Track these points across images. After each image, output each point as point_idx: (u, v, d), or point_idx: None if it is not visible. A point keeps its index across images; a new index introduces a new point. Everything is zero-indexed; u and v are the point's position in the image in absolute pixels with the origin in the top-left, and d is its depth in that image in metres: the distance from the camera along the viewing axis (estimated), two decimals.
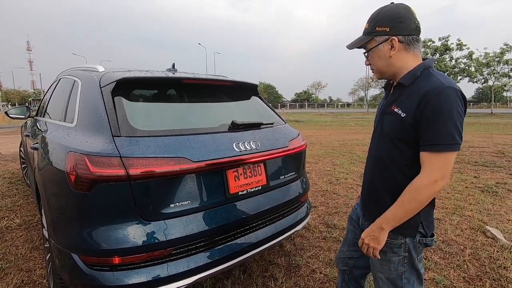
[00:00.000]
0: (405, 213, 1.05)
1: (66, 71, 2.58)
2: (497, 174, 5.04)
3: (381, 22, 1.08)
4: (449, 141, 0.96)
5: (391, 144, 1.12)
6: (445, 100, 0.96)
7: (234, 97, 2.19)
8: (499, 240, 2.64)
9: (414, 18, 1.07)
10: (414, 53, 1.10)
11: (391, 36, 1.06)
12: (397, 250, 1.15)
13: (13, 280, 2.10)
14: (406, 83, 1.09)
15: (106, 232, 1.36)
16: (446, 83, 0.98)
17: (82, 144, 1.46)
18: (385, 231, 1.09)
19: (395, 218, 1.07)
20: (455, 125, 0.96)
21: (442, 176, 0.99)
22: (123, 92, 1.63)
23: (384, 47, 1.09)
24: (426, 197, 1.02)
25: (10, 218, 3.14)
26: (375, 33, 1.10)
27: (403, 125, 1.05)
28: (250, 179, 1.78)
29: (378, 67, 1.15)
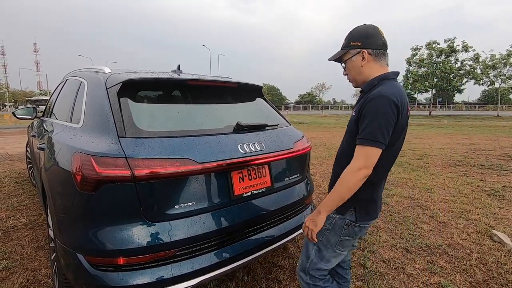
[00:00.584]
0: (338, 196, 1.21)
1: (73, 72, 2.61)
2: (504, 177, 4.98)
3: (354, 38, 1.30)
4: (371, 137, 1.15)
5: (347, 138, 1.34)
6: (375, 105, 1.16)
7: (239, 99, 2.20)
8: (506, 245, 2.60)
9: (381, 36, 1.29)
10: (381, 64, 1.30)
11: (362, 49, 1.28)
12: (325, 222, 1.32)
13: (19, 279, 2.11)
14: (365, 90, 1.30)
15: (111, 232, 1.37)
16: (382, 92, 1.17)
17: (88, 145, 1.47)
18: (322, 214, 1.25)
19: (329, 201, 1.23)
20: (378, 126, 1.14)
21: (365, 165, 1.16)
22: (129, 93, 1.64)
23: (357, 58, 1.30)
24: (352, 182, 1.18)
25: (16, 218, 3.17)
26: (350, 47, 1.31)
27: (353, 122, 1.28)
28: (255, 180, 1.78)
29: (352, 76, 1.36)
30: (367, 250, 2.54)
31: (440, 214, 3.36)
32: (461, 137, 11.32)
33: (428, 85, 35.84)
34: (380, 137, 1.15)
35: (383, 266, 2.32)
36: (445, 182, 4.71)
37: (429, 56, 35.60)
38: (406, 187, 4.42)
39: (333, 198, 1.22)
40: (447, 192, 4.17)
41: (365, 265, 2.32)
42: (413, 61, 36.49)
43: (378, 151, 1.16)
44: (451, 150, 7.90)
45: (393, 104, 1.15)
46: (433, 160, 6.44)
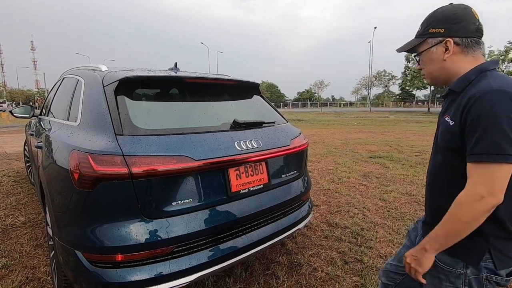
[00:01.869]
0: (448, 233, 0.91)
1: (70, 71, 2.60)
2: None
3: (435, 24, 1.01)
4: (492, 150, 0.83)
5: (443, 157, 1.02)
6: (490, 103, 0.85)
7: (236, 96, 2.20)
8: None
9: (474, 19, 0.98)
10: (474, 56, 0.99)
11: (445, 38, 0.99)
12: (455, 281, 0.98)
13: (18, 277, 2.12)
14: (457, 89, 0.99)
15: (109, 229, 1.38)
16: (495, 86, 0.86)
17: (86, 143, 1.48)
18: (429, 253, 0.96)
19: (437, 238, 0.94)
20: (503, 132, 0.82)
21: (489, 192, 0.84)
22: (126, 91, 1.64)
23: (437, 50, 1.02)
24: (470, 216, 0.87)
25: (14, 216, 3.18)
26: (428, 35, 1.03)
27: (452, 134, 0.95)
28: (252, 177, 1.79)
29: (430, 72, 1.08)
30: (364, 246, 2.57)
31: None
32: None
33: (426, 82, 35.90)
34: (509, 147, 0.81)
35: (380, 261, 2.35)
36: None
37: None
38: (404, 184, 4.44)
39: (440, 234, 0.93)
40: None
41: (362, 260, 2.35)
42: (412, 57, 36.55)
43: (508, 169, 0.83)
44: None
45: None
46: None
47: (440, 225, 0.94)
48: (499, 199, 0.85)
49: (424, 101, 48.36)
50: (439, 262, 1.00)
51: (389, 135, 10.93)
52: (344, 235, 2.79)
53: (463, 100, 0.93)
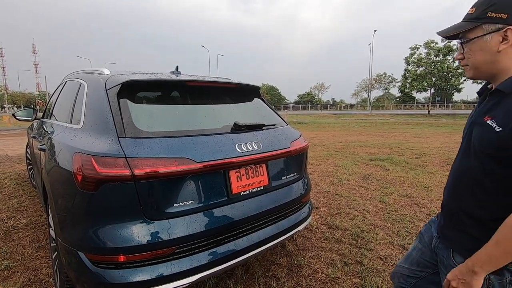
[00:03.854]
0: (505, 254, 0.83)
1: (72, 74, 2.63)
2: None
3: (497, 7, 0.87)
4: None
5: (479, 162, 0.92)
6: None
7: (237, 99, 2.23)
8: None
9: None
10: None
11: (506, 26, 0.85)
12: None
13: (20, 278, 2.14)
14: (507, 90, 0.88)
15: (112, 231, 1.40)
16: None
17: (89, 145, 1.50)
18: (479, 275, 0.87)
19: (491, 260, 0.85)
20: None
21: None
22: (128, 94, 1.67)
23: (492, 39, 0.88)
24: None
25: (16, 218, 3.20)
26: (485, 19, 0.88)
27: (497, 141, 0.86)
28: (252, 179, 1.81)
29: (475, 63, 0.94)
30: (364, 248, 2.58)
31: (437, 212, 3.39)
32: (459, 136, 11.31)
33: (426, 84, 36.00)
34: None
35: (379, 263, 2.36)
36: (442, 180, 4.74)
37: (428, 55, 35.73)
38: (403, 186, 4.45)
39: (494, 255, 0.84)
40: None
41: (362, 262, 2.36)
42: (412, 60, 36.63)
43: None
44: (449, 148, 7.94)
45: None
46: (431, 159, 6.48)
47: (491, 246, 0.85)
48: None
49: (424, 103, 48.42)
50: (453, 260, 1.00)
51: (389, 137, 10.95)
52: (344, 237, 2.80)
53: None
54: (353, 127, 16.98)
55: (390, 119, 25.85)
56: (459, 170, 1.03)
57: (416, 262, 1.25)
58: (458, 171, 1.03)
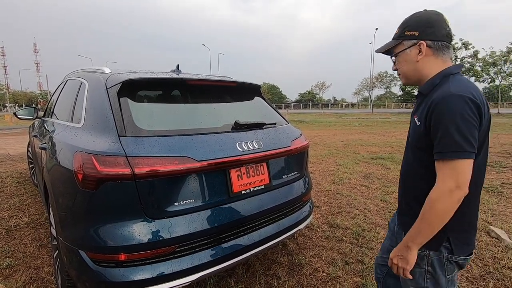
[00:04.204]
0: (429, 227, 0.99)
1: (73, 73, 2.63)
2: (503, 174, 5.00)
3: (410, 27, 1.09)
4: (454, 148, 0.93)
5: (413, 153, 1.13)
6: (448, 107, 0.94)
7: (237, 98, 2.22)
8: (503, 241, 2.63)
9: (445, 25, 1.07)
10: (443, 59, 1.08)
11: (419, 41, 1.07)
12: (419, 262, 1.09)
13: (22, 277, 2.15)
14: (425, 92, 1.09)
15: (113, 229, 1.40)
16: (454, 91, 0.96)
17: (89, 144, 1.50)
18: (413, 249, 1.04)
19: (419, 234, 1.01)
20: (460, 131, 0.92)
21: (457, 185, 0.93)
22: (129, 93, 1.66)
23: (411, 52, 1.10)
24: (443, 208, 0.95)
25: (18, 217, 3.21)
26: (404, 37, 1.11)
27: (419, 134, 1.05)
28: (253, 178, 1.80)
29: (404, 72, 1.16)
30: (365, 247, 2.57)
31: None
32: None
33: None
34: (467, 146, 0.92)
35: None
36: None
37: None
38: None
39: (423, 228, 1.00)
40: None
41: (363, 261, 2.35)
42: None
43: (469, 163, 0.94)
44: None
45: (471, 102, 0.93)
46: None
47: (418, 221, 1.01)
48: (465, 191, 0.95)
49: None
50: None
51: (391, 136, 10.92)
52: (345, 236, 2.79)
53: (428, 102, 1.02)
54: (354, 126, 16.94)
55: (392, 117, 25.79)
56: (405, 163, 1.21)
57: (386, 250, 1.35)
58: (404, 163, 1.22)
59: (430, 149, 1.01)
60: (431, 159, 1.01)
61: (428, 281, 1.10)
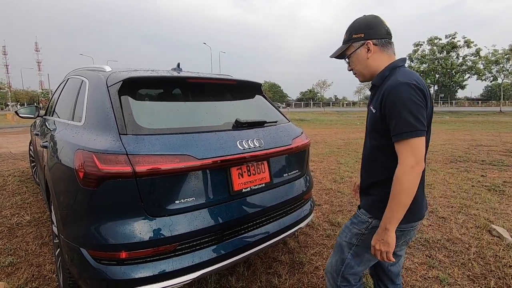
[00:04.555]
0: (399, 205, 1.08)
1: (74, 71, 2.63)
2: (505, 173, 4.98)
3: (356, 30, 1.24)
4: (409, 128, 1.05)
5: (370, 139, 1.27)
6: (398, 94, 1.07)
7: (238, 96, 2.22)
8: (504, 239, 2.62)
9: (383, 24, 1.23)
10: (388, 54, 1.23)
11: (366, 40, 1.22)
12: (360, 224, 1.28)
13: (24, 274, 2.16)
14: (377, 83, 1.22)
15: (114, 227, 1.40)
16: (401, 80, 1.09)
17: (90, 142, 1.50)
18: (391, 231, 1.11)
19: (393, 214, 1.10)
20: (411, 113, 1.05)
21: (416, 161, 1.05)
22: (129, 91, 1.66)
23: (361, 51, 1.24)
24: (410, 184, 1.06)
25: (20, 215, 3.22)
26: (353, 40, 1.25)
27: (376, 120, 1.18)
28: (254, 176, 1.80)
29: (358, 70, 1.29)
30: None
31: (440, 209, 3.38)
32: (462, 133, 11.29)
33: (429, 81, 35.66)
34: (419, 125, 1.05)
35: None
36: (445, 177, 4.72)
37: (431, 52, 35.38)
38: None
39: (395, 208, 1.09)
40: (447, 188, 4.19)
41: None
42: (415, 57, 36.29)
43: (422, 140, 1.07)
44: (453, 146, 7.89)
45: (416, 87, 1.07)
46: (434, 156, 6.44)
47: (390, 202, 1.10)
48: (423, 165, 1.08)
49: None
50: (359, 212, 1.32)
51: None
52: None
53: (381, 92, 1.15)
54: (356, 125, 16.90)
55: None
56: (365, 149, 1.34)
57: None
58: (365, 149, 1.34)
59: (385, 133, 1.14)
60: (386, 142, 1.15)
61: (360, 241, 1.27)
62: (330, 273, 1.38)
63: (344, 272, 1.32)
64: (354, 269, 1.32)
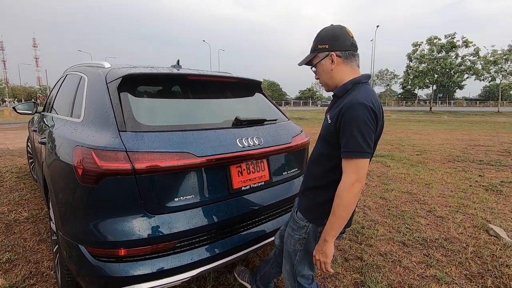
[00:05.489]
0: (339, 219, 1.15)
1: (73, 67, 2.62)
2: (502, 172, 5.01)
3: (321, 41, 1.25)
4: (357, 149, 1.10)
5: (321, 145, 1.31)
6: (354, 114, 1.10)
7: (238, 94, 2.21)
8: (502, 239, 2.64)
9: (349, 36, 1.24)
10: (352, 66, 1.25)
11: (330, 52, 1.23)
12: (299, 230, 1.35)
13: (22, 271, 2.15)
14: (339, 94, 1.25)
15: (113, 224, 1.39)
16: (360, 99, 1.12)
17: (89, 139, 1.49)
18: (329, 242, 1.19)
19: (332, 226, 1.17)
20: (362, 136, 1.10)
21: (357, 179, 1.11)
22: (129, 88, 1.65)
23: (326, 62, 1.25)
24: (348, 199, 1.12)
25: (18, 212, 3.21)
26: (318, 50, 1.26)
27: (330, 131, 1.22)
28: (253, 174, 1.80)
29: (323, 80, 1.31)
30: (364, 244, 2.58)
31: (437, 208, 3.40)
32: (461, 133, 11.33)
33: (428, 81, 35.70)
34: (366, 147, 1.10)
35: (380, 259, 2.36)
36: (443, 177, 4.74)
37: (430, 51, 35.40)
38: (404, 182, 4.45)
39: (335, 221, 1.16)
40: (445, 187, 4.21)
41: (362, 258, 2.36)
42: (414, 56, 36.30)
43: (366, 162, 1.13)
44: (451, 146, 7.92)
45: (371, 110, 1.11)
46: (432, 156, 6.47)
47: (330, 217, 1.16)
48: (363, 183, 1.13)
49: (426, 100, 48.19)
50: (296, 217, 1.38)
51: (391, 134, 10.92)
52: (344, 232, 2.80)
53: (340, 105, 1.17)
54: None
55: (392, 115, 25.76)
56: (313, 152, 1.38)
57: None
58: (313, 152, 1.38)
59: (335, 144, 1.19)
60: (334, 153, 1.20)
61: (302, 245, 1.36)
62: (288, 280, 1.48)
63: (297, 277, 1.42)
64: (303, 273, 1.40)
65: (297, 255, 1.38)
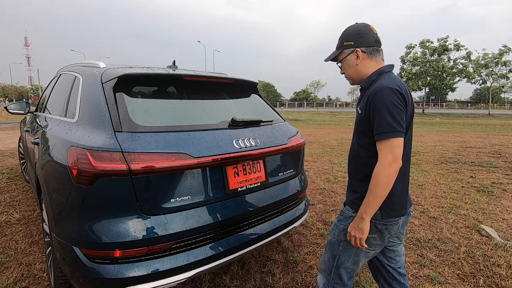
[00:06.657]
0: (376, 198, 1.18)
1: (67, 67, 2.59)
2: (493, 174, 5.09)
3: (347, 38, 1.33)
4: (389, 129, 1.14)
5: (357, 137, 1.35)
6: (381, 97, 1.16)
7: (234, 95, 2.21)
8: (493, 239, 2.68)
9: (373, 33, 1.32)
10: (376, 60, 1.32)
11: (355, 48, 1.31)
12: (345, 220, 1.35)
13: (13, 273, 2.11)
14: (365, 86, 1.31)
15: (108, 225, 1.38)
16: (385, 84, 1.18)
17: (84, 139, 1.48)
18: (366, 220, 1.21)
19: (369, 205, 1.20)
20: (392, 116, 1.14)
21: (394, 159, 1.14)
22: (125, 88, 1.64)
23: (351, 58, 1.33)
24: (386, 179, 1.15)
25: (9, 213, 3.15)
26: (343, 47, 1.34)
27: (361, 120, 1.27)
28: (249, 175, 1.80)
29: (349, 75, 1.38)
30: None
31: (430, 209, 3.44)
32: (453, 135, 11.49)
33: (421, 84, 36.17)
34: (398, 127, 1.14)
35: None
36: (436, 178, 4.80)
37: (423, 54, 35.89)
38: None
39: (371, 201, 1.18)
40: (438, 188, 4.26)
41: None
42: (407, 59, 36.76)
43: (400, 141, 1.15)
44: (443, 147, 8.03)
45: (398, 92, 1.16)
46: (425, 157, 6.54)
47: (367, 195, 1.20)
48: (400, 163, 1.15)
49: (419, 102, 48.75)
50: (344, 209, 1.39)
51: None
52: None
53: (367, 95, 1.23)
54: (349, 125, 17.05)
55: None
56: (351, 146, 1.43)
57: None
58: (351, 147, 1.43)
59: (369, 132, 1.23)
60: (369, 141, 1.23)
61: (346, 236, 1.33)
62: (324, 271, 1.44)
63: (336, 268, 1.39)
64: (344, 265, 1.37)
65: (341, 245, 1.37)
